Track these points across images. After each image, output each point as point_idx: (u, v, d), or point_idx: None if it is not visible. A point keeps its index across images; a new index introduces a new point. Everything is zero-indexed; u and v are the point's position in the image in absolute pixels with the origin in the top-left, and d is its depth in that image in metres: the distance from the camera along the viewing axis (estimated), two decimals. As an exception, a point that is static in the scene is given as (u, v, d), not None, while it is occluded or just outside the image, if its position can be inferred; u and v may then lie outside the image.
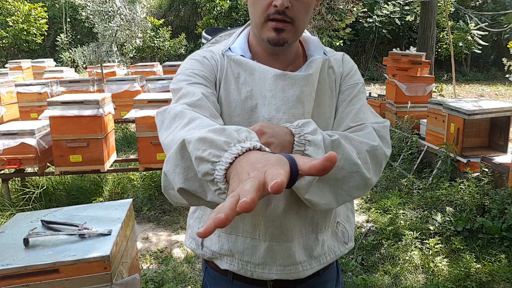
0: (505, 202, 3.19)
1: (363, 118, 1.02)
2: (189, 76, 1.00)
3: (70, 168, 3.79)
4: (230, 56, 1.03)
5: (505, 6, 13.13)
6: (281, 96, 0.97)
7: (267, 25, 0.97)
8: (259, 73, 0.99)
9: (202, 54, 1.05)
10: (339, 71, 1.09)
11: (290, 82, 0.98)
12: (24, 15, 15.12)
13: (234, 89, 1.01)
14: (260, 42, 1.03)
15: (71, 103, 3.69)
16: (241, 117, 1.00)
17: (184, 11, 17.25)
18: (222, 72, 1.03)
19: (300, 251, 1.03)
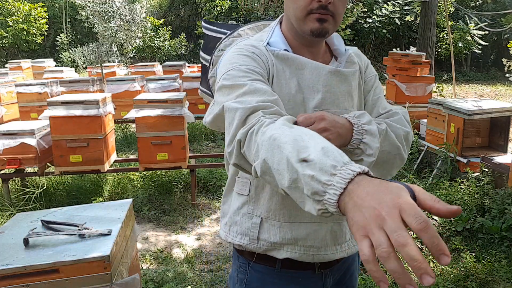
0: (505, 202, 3.19)
1: (387, 106, 1.15)
2: (247, 72, 0.98)
3: (70, 168, 3.79)
4: (273, 51, 1.06)
5: (505, 6, 13.12)
6: (336, 90, 1.05)
7: (310, 17, 1.01)
8: (311, 68, 1.05)
9: (250, 50, 1.04)
10: (362, 64, 1.17)
11: (342, 78, 1.07)
12: (24, 15, 15.12)
13: (285, 84, 1.04)
14: (297, 35, 1.08)
15: (71, 103, 3.69)
16: (293, 111, 1.01)
17: (184, 11, 17.24)
18: (273, 68, 1.05)
19: (346, 228, 1.12)
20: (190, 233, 3.50)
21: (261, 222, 1.09)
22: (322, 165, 0.68)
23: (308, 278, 1.14)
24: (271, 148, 0.77)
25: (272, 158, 0.76)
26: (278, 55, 1.05)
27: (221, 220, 1.22)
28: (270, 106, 0.90)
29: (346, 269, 1.21)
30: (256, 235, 1.10)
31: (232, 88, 0.96)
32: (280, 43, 1.08)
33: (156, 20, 15.19)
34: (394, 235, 0.53)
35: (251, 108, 0.89)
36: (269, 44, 1.08)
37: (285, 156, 0.73)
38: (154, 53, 15.01)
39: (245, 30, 1.23)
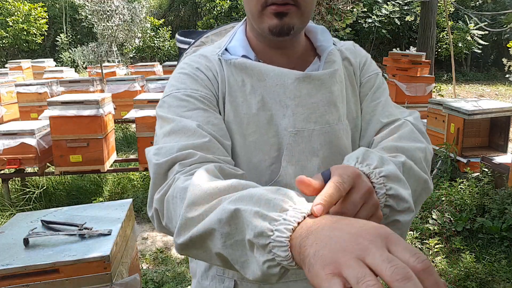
0: (505, 202, 3.19)
1: (392, 112, 0.88)
2: (182, 100, 0.79)
3: (70, 168, 3.79)
4: (229, 60, 0.84)
5: (505, 6, 13.12)
6: (309, 102, 0.82)
7: (266, 11, 0.79)
8: (274, 78, 0.82)
9: (194, 65, 0.85)
10: (356, 61, 0.93)
11: (316, 84, 0.83)
12: (24, 15, 15.13)
13: (243, 102, 0.82)
14: (260, 36, 0.86)
15: (71, 103, 3.69)
16: (257, 135, 0.82)
17: (184, 11, 17.25)
18: (224, 84, 0.83)
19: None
20: (190, 233, 3.50)
21: (235, 286, 0.87)
22: (268, 200, 0.53)
23: None
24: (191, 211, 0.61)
25: (195, 222, 0.60)
26: (235, 64, 0.83)
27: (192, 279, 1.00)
28: (192, 154, 0.70)
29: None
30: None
31: (163, 120, 0.79)
32: (239, 48, 0.86)
33: (156, 20, 15.20)
34: (388, 267, 0.39)
35: (168, 161, 0.71)
36: (227, 50, 0.87)
37: (211, 211, 0.58)
38: (154, 53, 15.02)
39: (210, 37, 1.02)
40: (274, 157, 0.82)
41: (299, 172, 0.80)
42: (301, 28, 0.83)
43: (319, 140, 0.82)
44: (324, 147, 0.82)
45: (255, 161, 0.82)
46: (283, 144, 0.81)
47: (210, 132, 0.76)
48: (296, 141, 0.81)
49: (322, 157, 0.82)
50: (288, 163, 0.81)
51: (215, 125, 0.78)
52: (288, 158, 0.81)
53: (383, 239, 0.42)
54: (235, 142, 0.82)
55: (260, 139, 0.82)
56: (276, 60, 0.86)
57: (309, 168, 0.81)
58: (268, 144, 0.82)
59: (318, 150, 0.82)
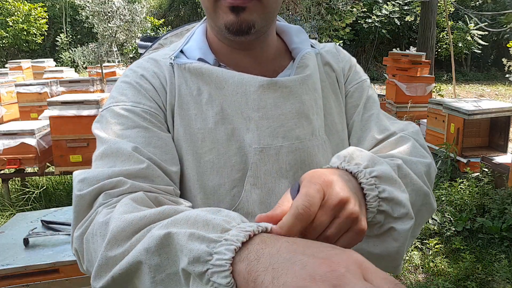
0: (505, 202, 3.19)
1: (386, 126, 0.77)
2: (120, 116, 0.67)
3: (70, 168, 3.79)
4: (183, 64, 0.72)
5: (505, 6, 13.13)
6: (275, 114, 0.69)
7: (221, 4, 0.66)
8: (234, 85, 0.69)
9: (139, 72, 0.72)
10: (339, 67, 0.82)
11: (284, 93, 0.70)
12: (24, 15, 15.13)
13: (196, 114, 0.70)
14: (219, 35, 0.73)
15: (71, 103, 3.69)
16: (215, 153, 0.68)
17: (184, 11, 17.25)
18: (174, 94, 0.71)
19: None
20: (190, 233, 3.50)
21: None
22: (206, 221, 0.46)
23: None
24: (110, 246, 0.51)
25: (117, 260, 0.51)
26: (190, 69, 0.71)
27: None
28: (121, 183, 0.59)
29: None
30: None
31: (98, 140, 0.67)
32: (195, 50, 0.74)
33: (156, 20, 15.21)
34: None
35: (93, 192, 0.59)
36: (183, 52, 0.75)
37: (137, 243, 0.49)
38: (154, 53, 15.03)
39: (168, 38, 0.90)
40: (236, 180, 0.68)
41: (265, 196, 0.68)
42: (264, 26, 0.70)
43: (288, 159, 0.69)
44: (294, 167, 0.69)
45: (211, 185, 0.68)
46: (247, 164, 0.68)
47: (150, 156, 0.63)
48: (262, 159, 0.68)
49: (292, 178, 0.69)
50: (252, 186, 0.68)
51: (158, 147, 0.65)
52: (253, 180, 0.68)
53: (358, 266, 0.36)
54: (186, 164, 0.69)
55: (218, 158, 0.68)
56: (242, 65, 0.74)
57: (277, 192, 0.68)
58: (228, 164, 0.68)
59: (287, 171, 0.69)
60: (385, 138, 0.75)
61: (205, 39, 0.76)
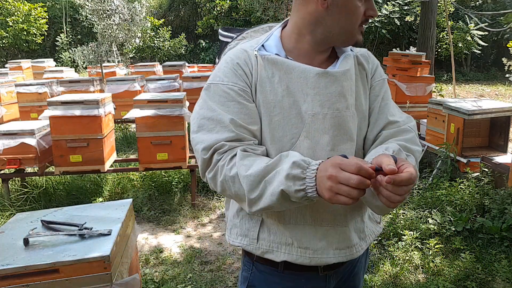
0: (505, 202, 3.18)
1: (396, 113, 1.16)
2: (224, 92, 1.05)
3: (70, 168, 3.79)
4: (264, 55, 1.07)
5: (505, 6, 13.12)
6: (325, 92, 1.04)
7: (358, 30, 1.08)
8: (299, 72, 1.05)
9: (235, 60, 1.08)
10: (368, 67, 1.17)
11: (331, 79, 1.05)
12: (24, 15, 15.12)
13: (270, 90, 1.06)
14: (304, 40, 1.09)
15: (71, 103, 3.69)
16: (281, 116, 1.05)
17: (184, 11, 17.24)
18: (257, 76, 1.07)
19: (354, 234, 1.12)
20: (190, 233, 3.50)
21: (262, 222, 1.12)
22: (297, 164, 0.93)
23: (311, 279, 1.14)
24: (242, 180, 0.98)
25: (257, 199, 0.98)
26: (268, 59, 1.06)
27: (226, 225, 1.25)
28: (223, 145, 1.01)
29: (350, 271, 1.21)
30: (256, 234, 1.12)
31: (205, 103, 1.07)
32: (273, 47, 1.10)
33: (156, 20, 15.20)
34: (351, 181, 0.84)
35: (210, 154, 1.02)
36: (263, 46, 1.10)
37: (264, 191, 0.97)
38: (154, 53, 15.02)
39: (249, 33, 1.24)
40: (294, 133, 1.04)
41: (313, 145, 1.04)
42: None
43: (330, 122, 1.04)
44: (333, 127, 1.04)
45: (278, 136, 1.05)
46: (303, 123, 1.04)
47: (240, 124, 1.03)
48: (313, 121, 1.04)
49: (331, 135, 1.04)
50: (305, 138, 1.04)
51: (246, 114, 1.04)
52: (306, 133, 1.04)
53: (338, 167, 0.86)
54: (263, 122, 1.06)
55: (283, 119, 1.05)
56: (311, 61, 1.09)
57: (321, 143, 1.04)
58: (289, 123, 1.04)
59: (328, 130, 1.04)
60: (393, 121, 1.13)
61: (280, 40, 1.11)
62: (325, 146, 1.04)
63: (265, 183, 0.95)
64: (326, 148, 1.04)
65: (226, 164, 1.00)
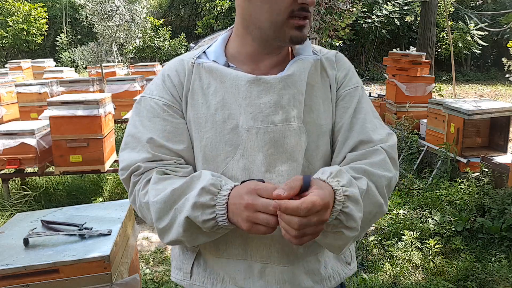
0: (505, 202, 3.18)
1: (370, 129, 0.95)
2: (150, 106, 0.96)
3: (70, 168, 3.79)
4: (201, 63, 0.96)
5: (505, 6, 13.12)
6: (257, 103, 0.89)
7: (289, 23, 0.88)
8: (231, 80, 0.91)
9: (167, 72, 0.98)
10: (333, 74, 1.00)
11: (265, 87, 0.90)
12: (24, 15, 15.13)
13: (202, 103, 0.93)
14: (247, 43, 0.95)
15: (71, 103, 3.69)
16: (213, 131, 0.92)
17: (184, 11, 17.25)
18: (188, 87, 0.95)
19: (304, 275, 0.94)
20: (190, 233, 3.50)
21: (197, 254, 1.00)
22: (205, 190, 0.83)
23: None
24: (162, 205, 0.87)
25: (166, 229, 0.88)
26: (204, 66, 0.95)
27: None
28: (139, 166, 0.92)
29: None
30: (190, 268, 1.00)
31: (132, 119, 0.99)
32: (212, 53, 0.97)
33: (156, 20, 15.20)
34: (269, 208, 0.76)
35: (128, 175, 0.94)
36: (205, 53, 0.99)
37: (173, 221, 0.86)
38: (154, 53, 15.02)
39: (206, 40, 1.10)
40: (228, 152, 0.92)
41: (249, 165, 0.91)
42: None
43: (263, 138, 0.89)
44: (267, 144, 0.90)
45: (211, 155, 0.93)
46: (238, 140, 0.91)
47: (160, 143, 0.93)
48: (248, 137, 0.90)
49: (265, 154, 0.90)
50: (241, 157, 0.91)
51: (170, 132, 0.94)
52: (242, 152, 0.91)
53: (255, 193, 0.79)
54: (195, 140, 0.95)
55: (215, 135, 0.92)
56: (258, 66, 0.96)
57: (256, 163, 0.90)
58: (223, 140, 0.91)
59: (262, 147, 0.90)
60: (365, 141, 0.94)
61: (223, 45, 0.99)
62: (260, 167, 0.89)
63: (175, 211, 0.84)
64: (262, 168, 0.89)
65: (141, 189, 0.90)
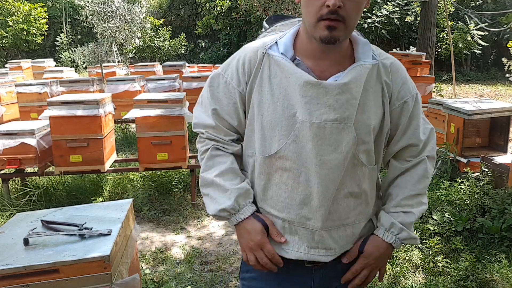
0: (505, 202, 3.18)
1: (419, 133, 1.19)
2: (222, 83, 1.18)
3: (70, 168, 3.79)
4: (271, 55, 1.12)
5: (505, 6, 13.11)
6: (315, 102, 1.06)
7: (320, 24, 1.01)
8: (295, 78, 1.07)
9: (242, 58, 1.15)
10: (389, 83, 1.14)
11: (323, 91, 1.06)
12: (24, 15, 15.11)
13: (268, 90, 1.11)
14: (311, 40, 1.08)
15: (71, 103, 3.69)
16: (273, 116, 1.09)
17: (184, 11, 17.24)
18: (256, 75, 1.13)
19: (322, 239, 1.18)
20: (190, 233, 3.50)
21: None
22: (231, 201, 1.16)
23: (297, 269, 1.18)
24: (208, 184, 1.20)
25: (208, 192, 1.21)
26: (274, 59, 1.11)
27: None
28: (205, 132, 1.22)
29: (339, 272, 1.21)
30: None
31: (207, 87, 1.21)
32: (283, 45, 1.11)
33: (156, 20, 15.19)
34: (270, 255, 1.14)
35: (197, 128, 1.24)
36: (277, 44, 1.13)
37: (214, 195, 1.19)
38: (154, 53, 15.01)
39: (278, 26, 1.26)
40: (283, 135, 1.09)
41: (299, 149, 1.08)
42: (344, 39, 1.06)
43: (316, 131, 1.06)
44: (317, 137, 1.07)
45: (268, 135, 1.11)
46: (293, 126, 1.08)
47: (223, 116, 1.18)
48: (302, 127, 1.07)
49: (315, 144, 1.07)
50: (292, 142, 1.08)
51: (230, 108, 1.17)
52: (294, 137, 1.08)
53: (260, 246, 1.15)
54: (255, 119, 1.13)
55: (275, 119, 1.09)
56: (319, 62, 1.10)
57: (306, 149, 1.08)
58: (280, 124, 1.09)
59: (313, 138, 1.07)
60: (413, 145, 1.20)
61: (293, 39, 1.13)
62: (309, 153, 1.07)
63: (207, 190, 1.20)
64: (310, 154, 1.07)
65: (201, 153, 1.23)
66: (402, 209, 1.17)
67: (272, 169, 1.12)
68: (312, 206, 1.09)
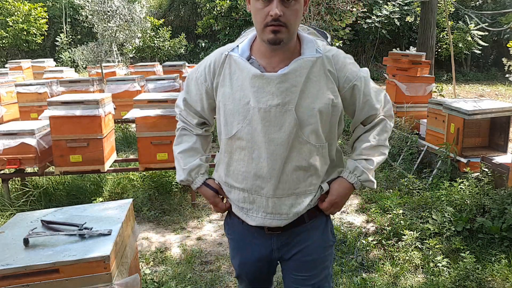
0: (505, 202, 3.18)
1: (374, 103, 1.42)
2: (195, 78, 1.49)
3: (70, 168, 3.79)
4: (232, 56, 1.39)
5: (505, 6, 13.11)
6: (261, 91, 1.31)
7: (266, 29, 1.26)
8: (246, 72, 1.34)
9: (210, 60, 1.44)
10: (332, 71, 1.36)
11: (266, 81, 1.31)
12: (24, 15, 15.10)
13: (228, 85, 1.37)
14: (262, 42, 1.33)
15: (71, 103, 3.69)
16: (233, 105, 1.36)
17: (184, 11, 17.23)
18: (221, 72, 1.40)
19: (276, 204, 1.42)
20: (190, 233, 3.50)
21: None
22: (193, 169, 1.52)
23: (261, 235, 1.46)
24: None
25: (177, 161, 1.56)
26: (233, 59, 1.38)
27: None
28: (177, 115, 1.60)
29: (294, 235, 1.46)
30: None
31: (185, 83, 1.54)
32: (241, 48, 1.39)
33: (156, 20, 15.18)
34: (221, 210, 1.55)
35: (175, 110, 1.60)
36: (238, 47, 1.40)
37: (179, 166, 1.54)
38: (154, 53, 15.00)
39: (247, 32, 1.51)
40: (240, 120, 1.35)
41: (252, 131, 1.34)
42: (288, 40, 1.30)
43: (262, 115, 1.32)
44: (264, 119, 1.32)
45: (229, 120, 1.38)
46: (248, 113, 1.33)
47: (191, 103, 1.52)
48: (253, 112, 1.32)
49: (262, 125, 1.32)
50: (247, 125, 1.34)
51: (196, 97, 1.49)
52: (248, 122, 1.34)
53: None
54: (220, 109, 1.40)
55: (234, 108, 1.35)
56: (270, 60, 1.35)
57: (257, 130, 1.33)
58: (238, 112, 1.35)
59: (261, 120, 1.32)
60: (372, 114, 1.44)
61: (250, 42, 1.40)
62: (259, 133, 1.32)
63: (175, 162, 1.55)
64: (260, 134, 1.32)
65: (176, 130, 1.59)
66: (363, 157, 1.42)
67: (233, 148, 1.39)
68: (264, 178, 1.34)
